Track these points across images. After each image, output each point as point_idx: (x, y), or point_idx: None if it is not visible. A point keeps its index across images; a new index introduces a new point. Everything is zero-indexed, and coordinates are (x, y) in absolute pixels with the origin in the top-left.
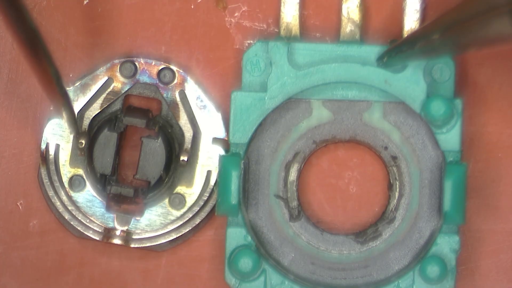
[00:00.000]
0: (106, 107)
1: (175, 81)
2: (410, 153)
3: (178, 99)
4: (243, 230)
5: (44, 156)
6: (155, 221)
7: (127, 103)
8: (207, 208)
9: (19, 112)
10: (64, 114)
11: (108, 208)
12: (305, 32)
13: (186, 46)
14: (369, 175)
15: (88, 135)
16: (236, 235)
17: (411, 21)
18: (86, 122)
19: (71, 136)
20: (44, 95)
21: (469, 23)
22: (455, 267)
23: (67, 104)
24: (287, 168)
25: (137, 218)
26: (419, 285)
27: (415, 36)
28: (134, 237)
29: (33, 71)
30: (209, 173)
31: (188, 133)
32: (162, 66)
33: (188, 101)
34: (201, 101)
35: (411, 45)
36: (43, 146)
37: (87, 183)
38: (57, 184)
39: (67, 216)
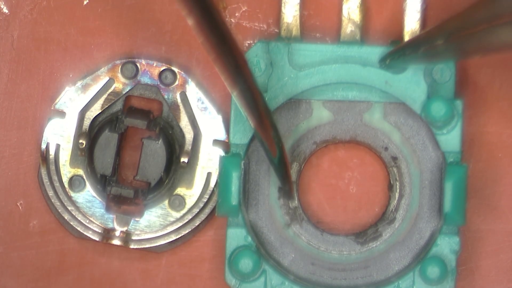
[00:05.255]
0: (107, 107)
1: (176, 83)
2: (410, 153)
3: (179, 100)
4: (243, 230)
5: (44, 156)
6: (154, 222)
7: (128, 104)
8: (207, 210)
9: (19, 112)
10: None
11: (107, 208)
12: (306, 32)
13: (186, 47)
14: (369, 175)
15: (88, 136)
16: (236, 236)
17: (411, 22)
18: (86, 123)
19: (72, 136)
20: (44, 95)
21: (473, 30)
22: (455, 268)
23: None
24: None
25: (137, 219)
26: (419, 286)
27: (419, 41)
28: (133, 238)
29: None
30: (209, 175)
31: (188, 135)
32: (164, 67)
33: (189, 102)
34: (202, 103)
35: (414, 49)
36: (43, 146)
37: (87, 184)
38: (57, 184)
39: (66, 216)
